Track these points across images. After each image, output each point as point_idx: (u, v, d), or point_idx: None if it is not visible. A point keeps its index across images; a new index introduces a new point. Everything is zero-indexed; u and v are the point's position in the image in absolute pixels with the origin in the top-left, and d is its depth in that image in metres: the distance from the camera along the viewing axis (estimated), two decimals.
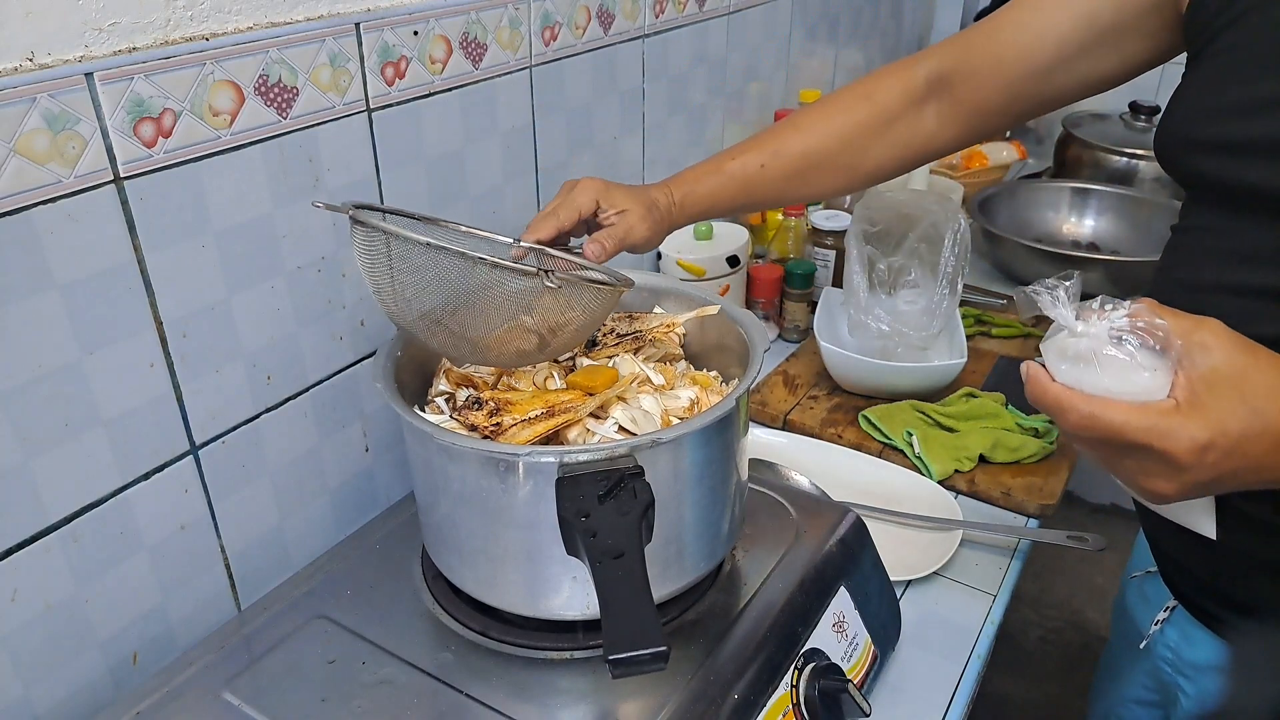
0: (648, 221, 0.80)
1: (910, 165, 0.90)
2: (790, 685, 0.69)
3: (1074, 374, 0.54)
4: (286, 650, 0.69)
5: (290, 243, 0.77)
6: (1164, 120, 0.69)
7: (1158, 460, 0.52)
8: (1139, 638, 0.86)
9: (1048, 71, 0.79)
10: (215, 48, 0.67)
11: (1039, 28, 0.78)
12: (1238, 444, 0.51)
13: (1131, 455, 0.53)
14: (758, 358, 0.72)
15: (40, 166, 0.59)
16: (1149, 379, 0.52)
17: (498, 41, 0.92)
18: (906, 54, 2.17)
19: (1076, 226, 1.71)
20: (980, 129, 0.86)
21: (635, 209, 0.79)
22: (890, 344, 1.20)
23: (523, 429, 0.67)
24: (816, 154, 0.87)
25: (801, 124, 0.87)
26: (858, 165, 0.88)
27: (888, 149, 0.87)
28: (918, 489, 1.04)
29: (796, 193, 0.89)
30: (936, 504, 1.01)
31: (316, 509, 0.86)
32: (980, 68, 0.82)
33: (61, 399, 0.63)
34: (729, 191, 0.86)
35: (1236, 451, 0.51)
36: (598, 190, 0.78)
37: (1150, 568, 0.86)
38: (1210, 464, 0.51)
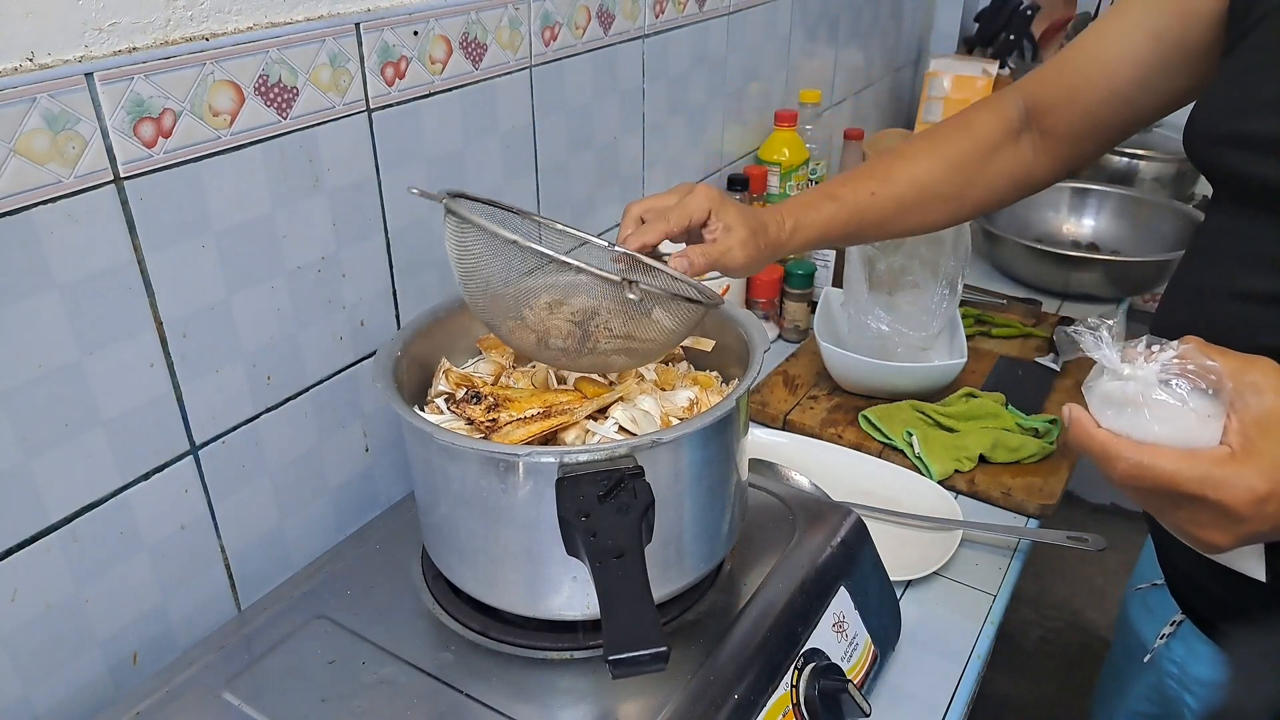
0: (749, 248, 0.76)
1: (1014, 196, 0.90)
2: (790, 685, 0.69)
3: (1121, 420, 0.52)
4: (286, 650, 0.69)
5: (290, 243, 0.77)
6: (1193, 114, 0.69)
7: (1213, 511, 0.50)
8: (1143, 651, 0.86)
9: (1124, 95, 0.79)
10: (215, 48, 0.67)
11: (1109, 54, 0.79)
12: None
13: (1185, 506, 0.51)
14: (758, 358, 0.72)
15: (40, 166, 0.59)
16: (1200, 424, 0.50)
17: (498, 41, 0.92)
18: (906, 54, 2.19)
19: (1076, 226, 1.71)
20: (1072, 157, 0.86)
21: (740, 231, 0.76)
22: (890, 344, 1.20)
23: (518, 428, 0.67)
24: (924, 182, 0.86)
25: (907, 153, 0.88)
26: (964, 195, 0.87)
27: (991, 180, 0.87)
28: (918, 489, 1.04)
29: (904, 222, 0.88)
30: (936, 504, 1.01)
31: (316, 509, 0.86)
32: (1059, 98, 0.83)
33: (61, 399, 0.63)
34: (841, 219, 0.85)
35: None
36: (713, 201, 0.75)
37: (1156, 580, 0.85)
38: (1270, 515, 0.49)
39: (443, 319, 0.80)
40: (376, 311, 0.87)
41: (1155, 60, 0.76)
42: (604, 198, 1.17)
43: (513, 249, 0.63)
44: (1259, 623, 0.71)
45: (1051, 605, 2.13)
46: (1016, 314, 1.42)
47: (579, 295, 0.70)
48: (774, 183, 1.51)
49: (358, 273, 0.84)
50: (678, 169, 1.33)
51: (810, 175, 1.55)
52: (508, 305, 0.69)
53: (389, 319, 0.89)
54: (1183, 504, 0.51)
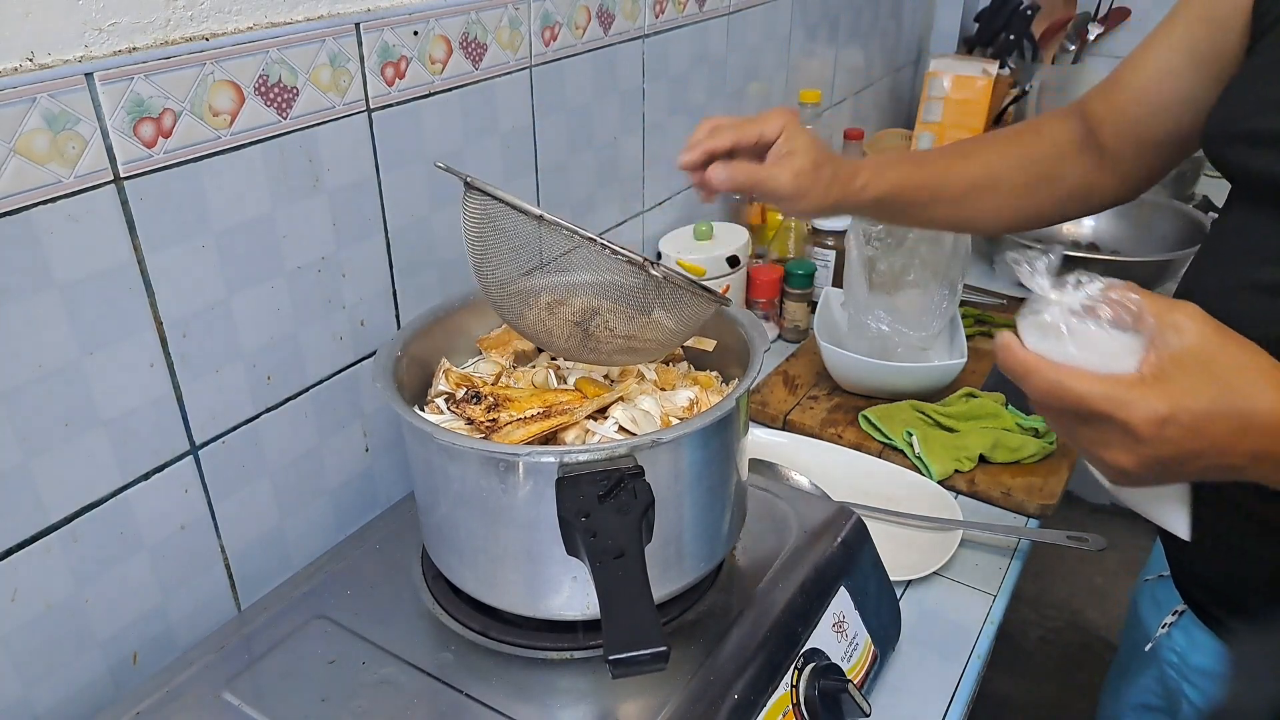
0: (805, 179, 0.73)
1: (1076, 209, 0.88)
2: (790, 685, 0.69)
3: (1044, 344, 0.53)
4: (286, 650, 0.69)
5: (290, 243, 0.77)
6: (1214, 111, 0.69)
7: (1117, 431, 0.51)
8: (1146, 641, 0.86)
9: (1170, 112, 0.78)
10: (215, 48, 0.67)
11: (1152, 69, 0.79)
12: (1199, 422, 0.50)
13: (1091, 424, 0.53)
14: (758, 358, 0.72)
15: (40, 166, 0.59)
16: (1119, 354, 0.51)
17: (498, 41, 0.92)
18: (906, 54, 2.19)
19: (1076, 226, 1.70)
20: (1130, 175, 0.85)
21: (802, 160, 0.73)
22: (890, 344, 1.20)
23: (517, 428, 0.67)
24: (997, 170, 0.85)
25: (983, 139, 0.87)
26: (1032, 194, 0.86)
27: (1057, 186, 0.86)
28: (918, 489, 1.04)
29: (971, 207, 0.86)
30: (936, 504, 1.01)
31: (316, 509, 0.86)
32: (1111, 114, 0.82)
33: (61, 399, 0.63)
34: (914, 182, 0.82)
35: (1198, 430, 0.50)
36: (788, 122, 0.73)
37: (1164, 571, 0.86)
38: (1169, 439, 0.50)
39: (443, 319, 0.80)
40: (376, 311, 0.87)
41: (1193, 75, 0.76)
42: (604, 198, 1.17)
43: (534, 227, 0.64)
44: (1263, 618, 0.72)
45: (1051, 605, 2.13)
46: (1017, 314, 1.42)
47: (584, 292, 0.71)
48: None
49: (358, 273, 0.84)
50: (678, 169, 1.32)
51: None
52: (526, 291, 0.70)
53: (389, 319, 0.89)
54: (1090, 422, 0.52)
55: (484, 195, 0.65)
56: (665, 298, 0.67)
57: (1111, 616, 2.10)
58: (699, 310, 0.69)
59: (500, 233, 0.67)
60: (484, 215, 0.67)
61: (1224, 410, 0.50)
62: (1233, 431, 0.50)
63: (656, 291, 0.66)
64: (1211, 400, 0.50)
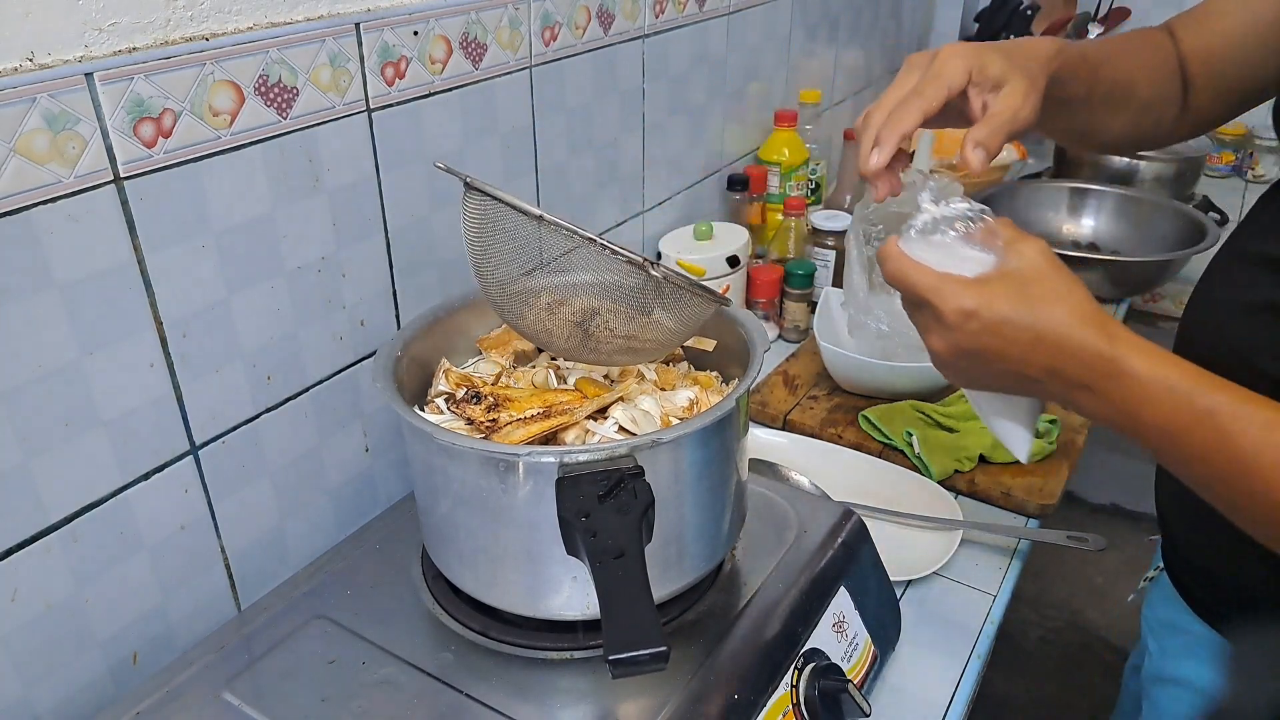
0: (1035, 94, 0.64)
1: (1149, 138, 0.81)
2: (790, 685, 0.69)
3: (910, 246, 0.60)
4: (286, 650, 0.69)
5: (290, 243, 0.77)
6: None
7: (932, 316, 0.59)
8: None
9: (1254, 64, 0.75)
10: (215, 48, 0.67)
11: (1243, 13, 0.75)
12: (999, 324, 0.56)
13: (919, 309, 0.60)
14: (758, 358, 0.72)
15: (40, 166, 0.59)
16: (965, 262, 0.59)
17: (498, 41, 0.92)
18: (906, 54, 2.18)
19: (1076, 226, 1.71)
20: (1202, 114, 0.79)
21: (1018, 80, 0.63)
22: (890, 344, 1.20)
23: (518, 428, 0.67)
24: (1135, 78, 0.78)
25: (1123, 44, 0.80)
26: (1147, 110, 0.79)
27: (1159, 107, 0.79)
28: (918, 489, 1.04)
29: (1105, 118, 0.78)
30: (936, 504, 1.01)
31: (316, 509, 0.86)
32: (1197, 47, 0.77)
33: (61, 399, 0.63)
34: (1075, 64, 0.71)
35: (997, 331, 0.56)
36: (969, 58, 0.64)
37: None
38: (971, 331, 0.57)
39: (443, 319, 0.80)
40: (376, 311, 0.87)
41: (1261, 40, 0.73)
42: (604, 198, 1.17)
43: (534, 227, 0.64)
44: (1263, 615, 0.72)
45: (1051, 605, 2.13)
46: None
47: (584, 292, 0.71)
48: (774, 183, 1.51)
49: (358, 273, 0.84)
50: (678, 169, 1.33)
51: (810, 175, 1.55)
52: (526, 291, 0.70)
53: (389, 319, 0.89)
54: (919, 307, 0.60)
55: (484, 195, 0.65)
56: (665, 298, 0.67)
57: (1111, 616, 2.10)
58: (699, 310, 0.69)
59: (500, 233, 0.67)
60: (484, 215, 0.67)
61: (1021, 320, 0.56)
62: (1027, 342, 0.56)
63: (656, 292, 0.66)
64: (1013, 309, 0.56)
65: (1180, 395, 0.55)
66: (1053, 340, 0.56)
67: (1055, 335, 0.56)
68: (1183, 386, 0.55)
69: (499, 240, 0.67)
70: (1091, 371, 0.56)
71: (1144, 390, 0.56)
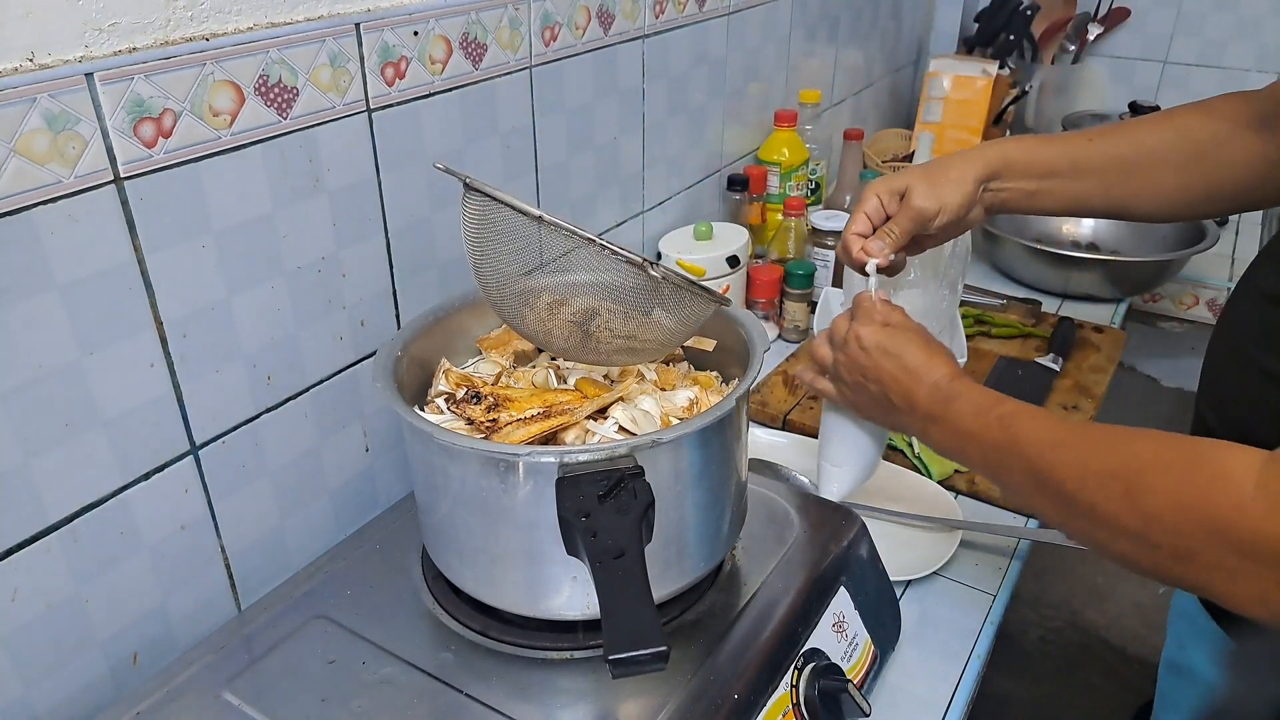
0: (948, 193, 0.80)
1: (1247, 195, 0.81)
2: (790, 685, 0.69)
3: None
4: (286, 650, 0.69)
5: (290, 243, 0.77)
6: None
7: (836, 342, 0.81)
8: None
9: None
10: (215, 48, 0.67)
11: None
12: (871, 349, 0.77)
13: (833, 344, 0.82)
14: (758, 358, 0.72)
15: (40, 166, 0.59)
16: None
17: (498, 42, 0.92)
18: (906, 54, 2.19)
19: (1076, 227, 1.71)
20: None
21: (916, 185, 0.80)
22: None
23: (518, 428, 0.67)
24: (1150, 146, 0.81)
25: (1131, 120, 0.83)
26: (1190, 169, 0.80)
27: (1223, 165, 0.80)
28: (918, 489, 1.04)
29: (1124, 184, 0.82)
30: (936, 504, 1.01)
31: (316, 509, 0.86)
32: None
33: (61, 399, 0.63)
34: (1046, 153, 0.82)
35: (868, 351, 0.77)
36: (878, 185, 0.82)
37: None
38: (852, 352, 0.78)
39: (443, 319, 0.80)
40: (376, 311, 0.87)
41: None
42: (604, 198, 1.17)
43: (534, 228, 0.64)
44: None
45: (1051, 605, 2.13)
46: (1016, 314, 1.42)
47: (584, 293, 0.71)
48: (774, 183, 1.51)
49: (358, 273, 0.84)
50: (678, 169, 1.33)
51: (810, 175, 1.55)
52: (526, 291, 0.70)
53: (389, 319, 0.89)
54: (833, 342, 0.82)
55: (483, 196, 0.65)
56: (665, 298, 0.67)
57: (1111, 616, 2.10)
58: (699, 310, 0.69)
59: (500, 233, 0.67)
60: (483, 216, 0.67)
61: (892, 349, 0.75)
62: (892, 369, 0.75)
63: (656, 292, 0.66)
64: (889, 341, 0.76)
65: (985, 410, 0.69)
66: (911, 369, 0.74)
67: (914, 366, 0.74)
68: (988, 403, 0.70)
69: (499, 240, 0.67)
70: (932, 401, 0.73)
71: (965, 410, 0.71)
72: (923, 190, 0.80)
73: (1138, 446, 0.59)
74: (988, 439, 0.69)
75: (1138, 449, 0.59)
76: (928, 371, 0.74)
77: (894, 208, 0.82)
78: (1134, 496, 0.57)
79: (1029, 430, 0.66)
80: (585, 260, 0.66)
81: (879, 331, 0.77)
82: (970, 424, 0.70)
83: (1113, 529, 0.59)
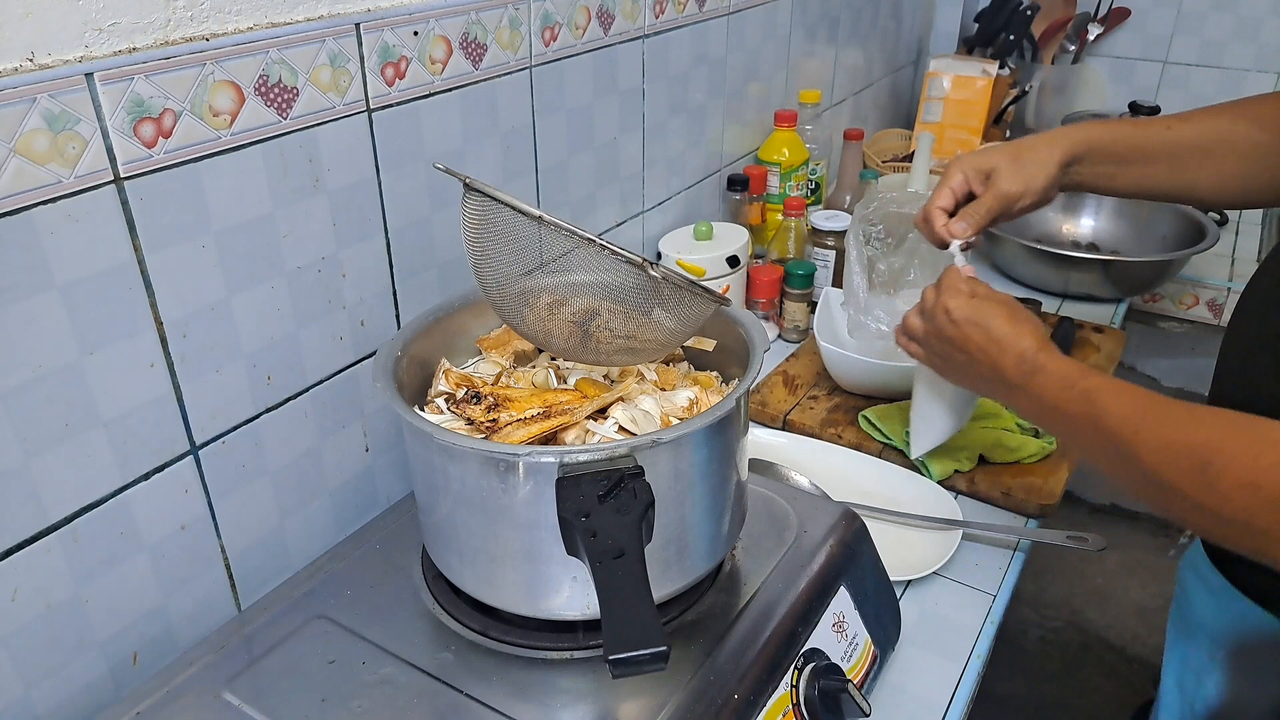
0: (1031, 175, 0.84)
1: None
2: (790, 685, 0.69)
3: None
4: (286, 650, 0.69)
5: (290, 243, 0.77)
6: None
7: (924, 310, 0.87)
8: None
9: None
10: (215, 48, 0.67)
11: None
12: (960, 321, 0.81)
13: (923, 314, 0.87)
14: (758, 358, 0.72)
15: (40, 167, 0.59)
16: None
17: (498, 42, 0.92)
18: (906, 54, 2.19)
19: (1076, 227, 1.71)
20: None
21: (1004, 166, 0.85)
22: (890, 344, 1.20)
23: (518, 428, 0.67)
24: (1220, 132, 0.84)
25: (1207, 109, 0.87)
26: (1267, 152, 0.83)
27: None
28: (918, 489, 1.04)
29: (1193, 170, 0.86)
30: (936, 504, 1.01)
31: (316, 509, 0.86)
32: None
33: (61, 399, 0.63)
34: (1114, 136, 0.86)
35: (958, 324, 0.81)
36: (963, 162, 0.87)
37: None
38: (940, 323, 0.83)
39: (443, 319, 0.80)
40: (376, 311, 0.87)
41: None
42: (604, 198, 1.18)
43: (534, 228, 0.64)
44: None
45: (1051, 605, 2.13)
46: None
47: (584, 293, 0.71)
48: (774, 183, 1.51)
49: (358, 273, 0.84)
50: (678, 169, 1.33)
51: (810, 175, 1.55)
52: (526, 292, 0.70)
53: (389, 319, 0.89)
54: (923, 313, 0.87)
55: (483, 196, 0.65)
56: (665, 298, 0.67)
57: (1111, 616, 2.10)
58: (699, 310, 0.69)
59: (500, 234, 0.67)
60: (483, 216, 0.67)
61: (978, 320, 0.80)
62: (980, 340, 0.79)
63: (656, 292, 0.66)
64: (974, 312, 0.80)
65: (1069, 383, 0.72)
66: (997, 339, 0.78)
67: (1000, 336, 0.78)
68: (1072, 375, 0.73)
69: (499, 241, 0.67)
70: (1018, 372, 0.76)
71: (1049, 383, 0.74)
72: (1009, 173, 0.84)
73: (1212, 427, 0.63)
74: (1071, 412, 0.72)
75: (1212, 429, 0.62)
76: (1014, 342, 0.77)
77: (979, 187, 0.86)
78: (1208, 475, 0.60)
79: (1112, 406, 0.68)
80: (585, 260, 0.66)
81: (967, 303, 0.81)
82: (1054, 396, 0.73)
83: (1188, 504, 0.63)
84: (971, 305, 0.80)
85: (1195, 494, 0.61)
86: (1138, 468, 0.65)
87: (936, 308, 0.83)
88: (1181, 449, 0.62)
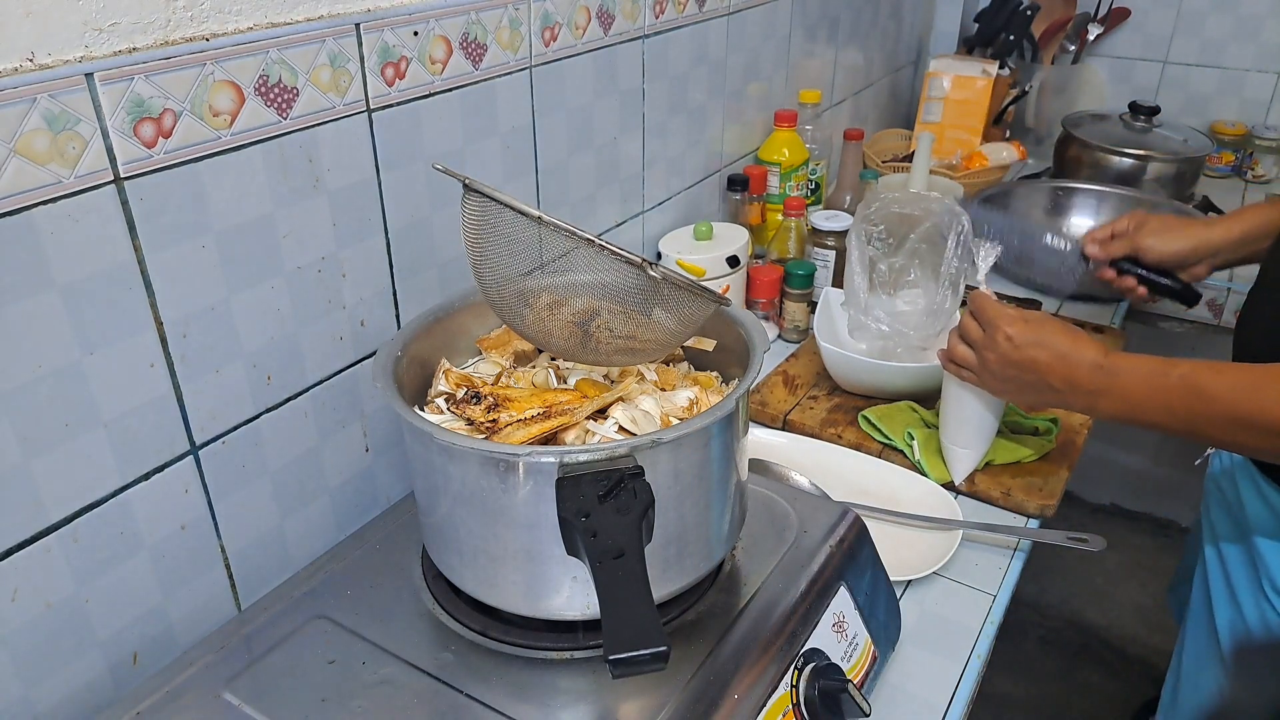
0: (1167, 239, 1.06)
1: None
2: (790, 685, 0.69)
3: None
4: (286, 650, 0.69)
5: (290, 243, 0.77)
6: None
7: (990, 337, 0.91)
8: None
9: None
10: (215, 48, 0.67)
11: None
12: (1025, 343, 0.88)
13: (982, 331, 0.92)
14: (758, 358, 0.72)
15: (40, 167, 0.59)
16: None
17: (498, 42, 0.92)
18: (906, 54, 2.19)
19: (1076, 227, 1.70)
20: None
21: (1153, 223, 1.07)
22: (890, 344, 1.20)
23: (518, 429, 0.67)
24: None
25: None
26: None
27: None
28: (918, 489, 1.04)
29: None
30: (936, 504, 1.01)
31: (316, 509, 0.86)
32: None
33: (61, 399, 0.63)
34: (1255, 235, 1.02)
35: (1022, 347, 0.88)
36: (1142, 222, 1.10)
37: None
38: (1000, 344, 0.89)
39: (443, 319, 0.80)
40: (376, 311, 0.87)
41: None
42: (604, 198, 1.18)
43: (533, 228, 0.64)
44: None
45: (1051, 605, 2.13)
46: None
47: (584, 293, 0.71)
48: (774, 183, 1.51)
49: (358, 273, 0.84)
50: (678, 169, 1.33)
51: (810, 175, 1.55)
52: (526, 292, 0.71)
53: (389, 319, 0.89)
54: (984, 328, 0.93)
55: (483, 197, 0.65)
56: (665, 298, 0.67)
57: (1111, 616, 2.10)
58: (699, 310, 0.69)
59: (499, 234, 0.67)
60: (483, 217, 0.67)
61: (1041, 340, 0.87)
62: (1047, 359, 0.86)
63: (656, 292, 0.66)
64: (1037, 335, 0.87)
65: (1158, 375, 0.79)
66: (1064, 355, 0.85)
67: (1065, 351, 0.85)
68: (1158, 369, 0.79)
69: (498, 241, 0.67)
70: (1095, 379, 0.83)
71: (1134, 381, 0.80)
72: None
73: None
74: (1171, 400, 0.78)
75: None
76: (1080, 354, 0.85)
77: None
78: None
79: (1217, 383, 0.76)
80: (585, 261, 0.66)
81: (1026, 328, 0.87)
82: (1143, 391, 0.80)
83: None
84: (1031, 329, 0.87)
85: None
86: (1269, 427, 0.73)
87: (998, 335, 0.88)
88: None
